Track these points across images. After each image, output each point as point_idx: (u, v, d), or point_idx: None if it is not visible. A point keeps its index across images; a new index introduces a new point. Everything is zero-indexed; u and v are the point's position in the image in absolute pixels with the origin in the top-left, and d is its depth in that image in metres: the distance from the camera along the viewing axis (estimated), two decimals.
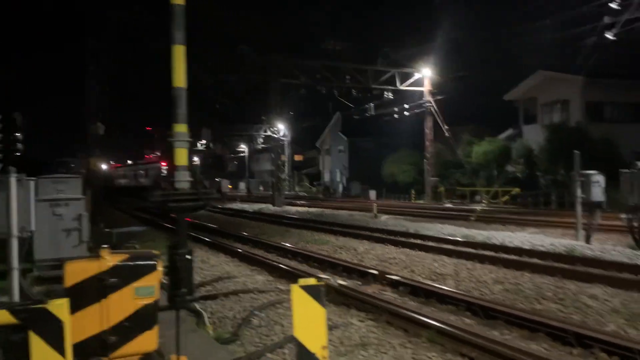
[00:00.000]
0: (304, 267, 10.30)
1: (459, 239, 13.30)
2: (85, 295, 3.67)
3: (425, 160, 34.40)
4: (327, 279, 8.50)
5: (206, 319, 6.73)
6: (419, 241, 13.55)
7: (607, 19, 16.67)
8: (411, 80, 32.83)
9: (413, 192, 37.93)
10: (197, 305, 7.46)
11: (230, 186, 50.99)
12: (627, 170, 11.40)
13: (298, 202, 35.14)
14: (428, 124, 33.82)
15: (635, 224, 11.33)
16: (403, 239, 13.79)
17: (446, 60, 32.06)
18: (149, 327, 3.94)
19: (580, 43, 17.66)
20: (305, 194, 54.15)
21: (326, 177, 61.08)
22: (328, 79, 29.54)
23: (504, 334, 5.79)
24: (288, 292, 8.09)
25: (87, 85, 25.25)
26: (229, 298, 7.77)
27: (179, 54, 4.07)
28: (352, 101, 34.26)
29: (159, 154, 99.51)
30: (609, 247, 11.37)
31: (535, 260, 10.41)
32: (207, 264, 10.85)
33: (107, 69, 26.32)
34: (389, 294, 7.88)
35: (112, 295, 3.75)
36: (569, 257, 10.43)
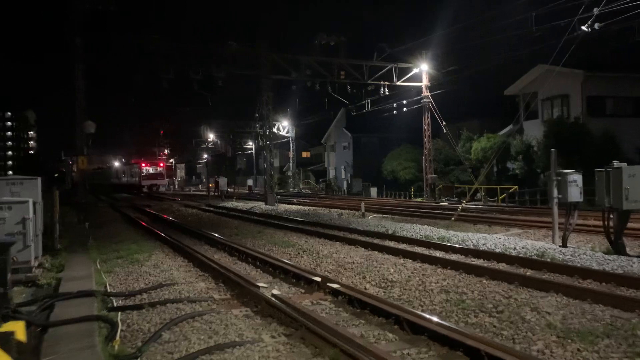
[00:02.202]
0: (254, 273, 9.88)
1: (432, 242, 12.76)
2: None
3: (423, 157, 33.79)
4: (265, 287, 8.09)
5: (118, 332, 6.36)
6: (391, 243, 13.10)
7: (596, 10, 15.92)
8: (408, 75, 32.18)
9: (412, 189, 37.37)
10: (119, 316, 7.15)
11: (234, 185, 50.93)
12: (601, 170, 10.76)
13: (295, 200, 34.70)
14: (426, 120, 33.18)
15: (611, 226, 10.70)
16: (375, 241, 13.34)
17: (444, 55, 31.31)
18: None
19: (573, 34, 16.84)
20: (309, 191, 53.74)
21: (331, 173, 60.58)
22: (321, 75, 29.00)
23: (420, 353, 5.31)
24: (221, 301, 7.72)
25: (76, 84, 25.04)
26: (155, 308, 7.36)
27: None
28: (348, 97, 33.69)
29: (168, 151, 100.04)
30: (582, 251, 10.76)
31: (499, 266, 9.90)
32: (158, 269, 10.45)
33: (98, 66, 26.15)
34: (325, 304, 7.42)
35: None
36: (536, 262, 9.87)
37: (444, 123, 31.72)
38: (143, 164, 59.65)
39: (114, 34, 25.25)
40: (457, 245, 12.00)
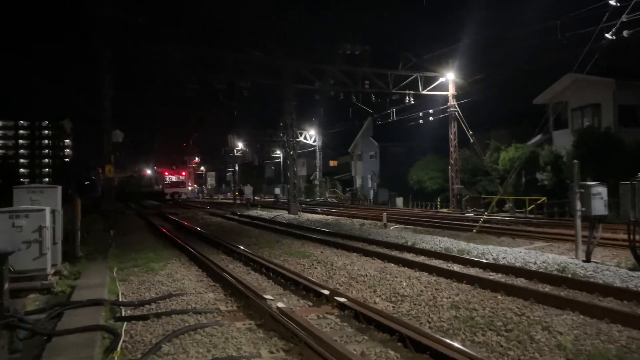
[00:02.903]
0: (265, 284, 9.80)
1: (450, 255, 12.49)
2: None
3: (449, 167, 33.31)
4: (272, 299, 7.99)
5: (120, 343, 6.34)
6: (409, 255, 12.87)
7: (624, 18, 15.43)
8: (434, 84, 31.86)
9: (438, 200, 36.83)
10: (124, 326, 7.15)
11: (262, 194, 51.24)
12: (626, 182, 10.35)
13: (319, 209, 34.61)
14: (452, 130, 32.74)
15: (637, 241, 10.27)
16: (393, 253, 13.13)
17: (471, 63, 30.90)
18: None
19: (599, 43, 16.37)
20: (335, 200, 53.58)
21: (358, 183, 60.31)
22: (345, 84, 28.92)
23: None
24: (226, 313, 7.66)
25: (103, 93, 25.54)
26: (160, 319, 7.33)
27: None
28: (373, 106, 33.50)
29: (198, 159, 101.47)
30: (606, 267, 10.34)
31: (517, 281, 9.59)
32: (171, 278, 10.47)
33: (126, 76, 26.65)
34: (331, 318, 7.28)
35: None
36: (556, 278, 9.53)
37: (470, 132, 31.23)
38: (166, 173, 62.18)
39: (141, 44, 25.66)
40: (475, 259, 11.69)
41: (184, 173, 65.59)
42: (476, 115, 34.72)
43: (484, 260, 11.49)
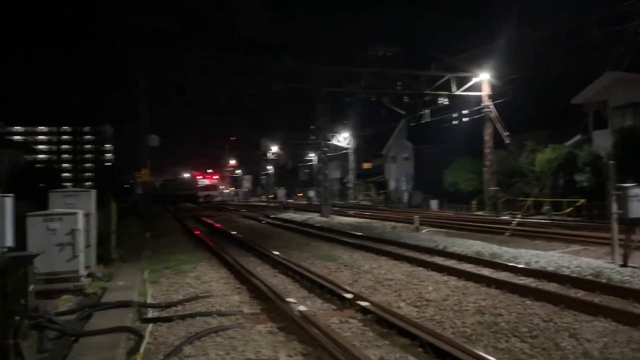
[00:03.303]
0: (291, 287, 9.83)
1: (481, 259, 12.25)
2: None
3: (484, 168, 32.71)
4: (294, 302, 7.99)
5: (143, 345, 6.46)
6: (439, 259, 12.69)
7: None
8: (468, 85, 31.37)
9: (473, 202, 36.19)
10: (149, 328, 7.27)
11: (296, 196, 51.50)
12: None
13: (351, 212, 34.49)
14: (487, 131, 32.11)
15: None
16: (422, 257, 12.97)
17: (506, 63, 30.28)
18: None
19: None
20: (369, 203, 53.32)
21: (392, 185, 59.85)
22: (377, 86, 28.80)
23: None
24: (249, 316, 7.70)
25: (139, 99, 26.14)
26: (184, 320, 7.44)
27: None
28: (406, 108, 33.26)
29: (234, 163, 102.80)
30: None
31: (548, 286, 9.33)
32: (199, 280, 10.62)
33: (161, 81, 27.24)
34: (353, 323, 7.24)
35: None
36: (590, 282, 9.23)
37: (506, 133, 30.59)
38: (199, 177, 65.42)
39: (174, 51, 26.18)
40: (506, 263, 11.44)
41: (215, 177, 69.07)
42: (512, 116, 33.98)
43: (515, 264, 11.22)
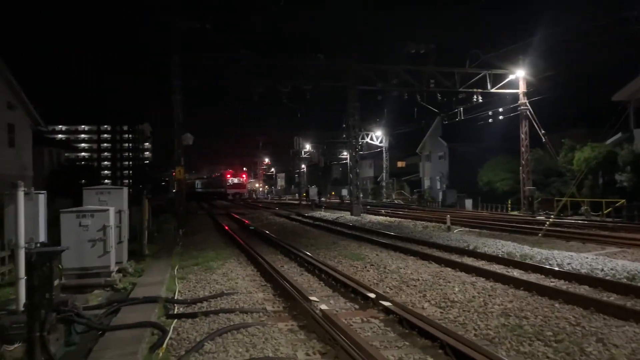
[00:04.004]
0: (315, 286, 9.83)
1: (512, 260, 12.00)
2: None
3: (520, 167, 32.03)
4: (317, 301, 7.99)
5: (166, 341, 6.57)
6: (468, 260, 12.51)
7: None
8: (504, 82, 30.76)
9: (509, 202, 35.49)
10: (173, 324, 7.40)
11: (329, 195, 51.58)
12: None
13: (383, 210, 34.31)
14: (523, 129, 31.47)
15: None
16: (452, 257, 12.81)
17: (542, 59, 29.55)
18: None
19: None
20: (402, 202, 52.93)
21: (426, 184, 59.25)
22: (410, 84, 28.52)
23: None
24: (272, 314, 7.75)
25: (173, 98, 26.60)
26: (208, 317, 7.53)
27: None
28: (439, 105, 32.83)
29: (268, 161, 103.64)
30: None
31: (579, 289, 9.07)
32: (226, 277, 10.73)
33: (195, 81, 27.67)
34: (375, 323, 7.19)
35: None
36: (624, 286, 8.91)
37: (543, 132, 29.88)
38: (228, 175, 69.11)
39: (208, 50, 26.52)
40: (537, 264, 11.17)
41: (243, 175, 72.29)
42: (548, 114, 33.18)
43: (547, 266, 10.95)
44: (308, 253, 13.43)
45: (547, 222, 18.18)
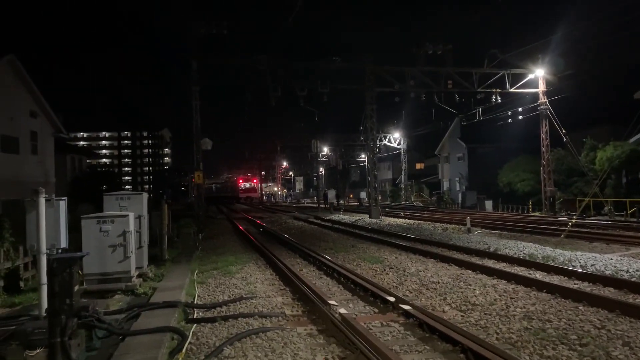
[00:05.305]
0: (335, 289, 9.78)
1: (534, 262, 11.81)
2: None
3: (541, 167, 31.59)
4: (336, 305, 7.94)
5: (185, 346, 6.58)
6: (489, 262, 12.34)
7: None
8: (523, 82, 30.40)
9: (530, 203, 35.02)
10: (192, 329, 7.41)
11: (347, 197, 51.52)
12: None
13: (402, 213, 34.10)
14: (544, 128, 31.06)
15: None
16: (472, 259, 12.65)
17: (562, 58, 29.14)
18: None
19: None
20: (421, 204, 52.58)
21: (445, 186, 58.79)
22: (427, 85, 28.34)
23: None
24: (291, 318, 7.72)
25: (192, 103, 26.81)
26: (227, 321, 7.53)
27: None
28: (457, 106, 32.56)
29: (286, 165, 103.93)
30: None
31: (604, 291, 8.88)
32: (245, 281, 10.74)
33: (213, 85, 27.83)
34: (395, 326, 7.11)
35: None
36: None
37: (564, 131, 29.46)
38: (240, 180, 74.39)
39: (226, 55, 26.68)
40: (560, 266, 10.98)
41: (255, 180, 77.26)
42: (570, 113, 32.70)
43: (570, 268, 10.76)
44: (327, 256, 13.39)
45: (570, 223, 17.86)
